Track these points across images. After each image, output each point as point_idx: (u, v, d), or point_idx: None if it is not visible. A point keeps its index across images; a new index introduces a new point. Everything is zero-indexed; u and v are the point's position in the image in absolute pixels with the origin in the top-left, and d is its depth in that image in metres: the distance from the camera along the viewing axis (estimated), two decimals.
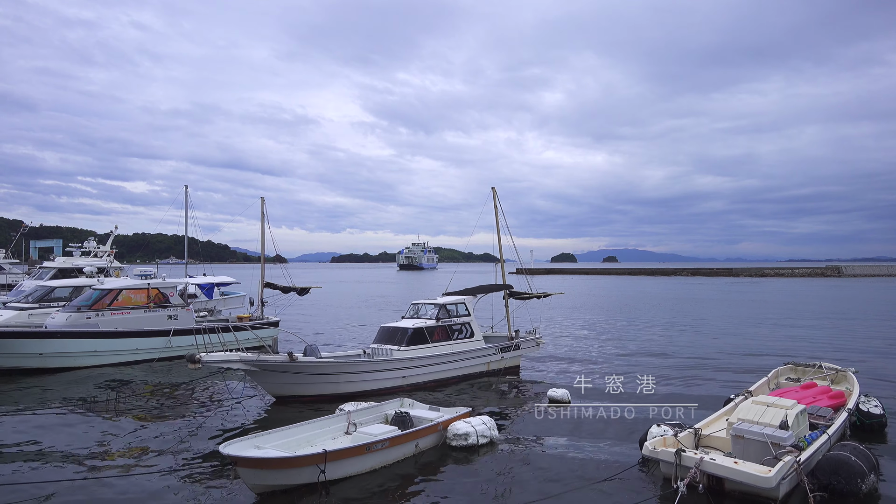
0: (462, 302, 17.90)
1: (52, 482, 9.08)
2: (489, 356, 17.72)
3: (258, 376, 13.74)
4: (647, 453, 8.95)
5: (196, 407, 14.06)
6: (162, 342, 20.11)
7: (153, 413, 13.45)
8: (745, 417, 9.26)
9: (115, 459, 10.19)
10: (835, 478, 8.14)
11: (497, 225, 19.74)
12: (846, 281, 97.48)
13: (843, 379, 13.65)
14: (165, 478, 9.23)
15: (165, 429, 11.99)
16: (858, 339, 26.09)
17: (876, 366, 19.15)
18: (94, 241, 33.88)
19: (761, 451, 8.55)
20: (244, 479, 8.49)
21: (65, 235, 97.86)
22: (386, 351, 16.02)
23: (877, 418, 11.41)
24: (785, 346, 23.98)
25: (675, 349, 23.32)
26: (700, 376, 17.81)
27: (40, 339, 18.14)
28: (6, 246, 50.66)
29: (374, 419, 11.38)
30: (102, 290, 20.23)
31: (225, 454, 8.46)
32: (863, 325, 32.23)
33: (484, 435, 10.76)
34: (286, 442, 9.64)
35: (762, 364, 18.80)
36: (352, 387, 14.49)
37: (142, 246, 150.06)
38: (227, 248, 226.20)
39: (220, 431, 11.91)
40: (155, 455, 10.33)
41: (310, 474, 8.57)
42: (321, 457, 8.61)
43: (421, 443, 10.34)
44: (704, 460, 8.18)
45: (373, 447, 9.38)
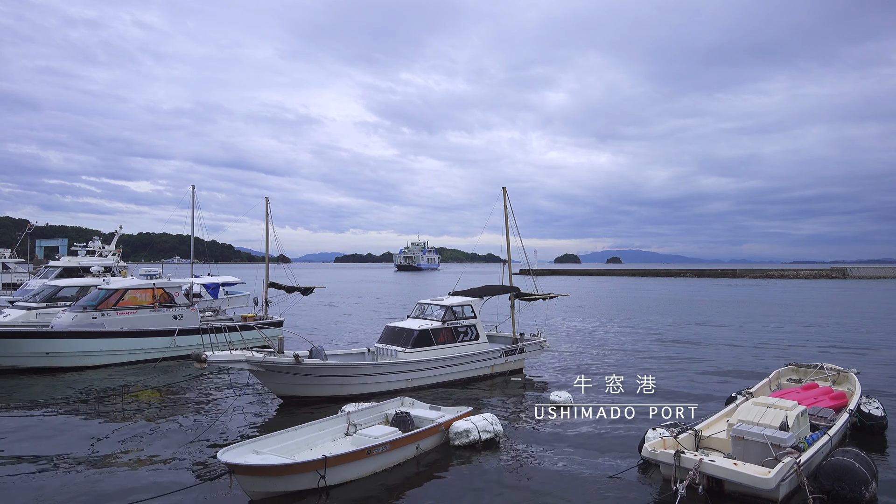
0: (469, 304, 17.81)
1: (53, 483, 9.15)
2: (493, 359, 17.71)
3: (263, 376, 13.83)
4: (647, 455, 8.98)
5: (200, 407, 14.15)
6: (167, 342, 20.25)
7: (157, 414, 13.54)
8: (746, 418, 9.29)
9: (116, 461, 10.24)
10: (838, 484, 8.12)
11: (506, 225, 19.57)
12: (851, 283, 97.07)
13: (844, 380, 13.68)
14: (166, 482, 9.26)
15: (168, 431, 12.06)
16: (861, 341, 26.03)
17: (878, 367, 19.16)
18: (100, 240, 34.10)
19: (761, 452, 8.59)
20: (242, 486, 8.36)
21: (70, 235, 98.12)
22: (391, 352, 16.07)
23: (878, 420, 11.40)
24: (787, 347, 23.98)
25: (677, 349, 23.35)
26: (701, 376, 17.85)
27: (46, 338, 18.29)
28: (12, 245, 50.96)
29: (374, 420, 11.37)
30: (108, 290, 20.37)
31: (222, 462, 8.30)
32: (866, 326, 32.16)
33: (486, 430, 10.76)
34: (285, 446, 9.57)
35: (764, 365, 18.84)
36: (356, 389, 14.55)
37: (147, 245, 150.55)
38: (231, 247, 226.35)
39: (224, 432, 12.01)
40: (156, 457, 10.37)
41: (309, 480, 8.50)
42: (321, 463, 8.51)
43: (422, 444, 10.33)
44: (703, 462, 8.21)
45: (373, 451, 9.31)
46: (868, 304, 50.67)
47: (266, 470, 8.31)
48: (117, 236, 35.00)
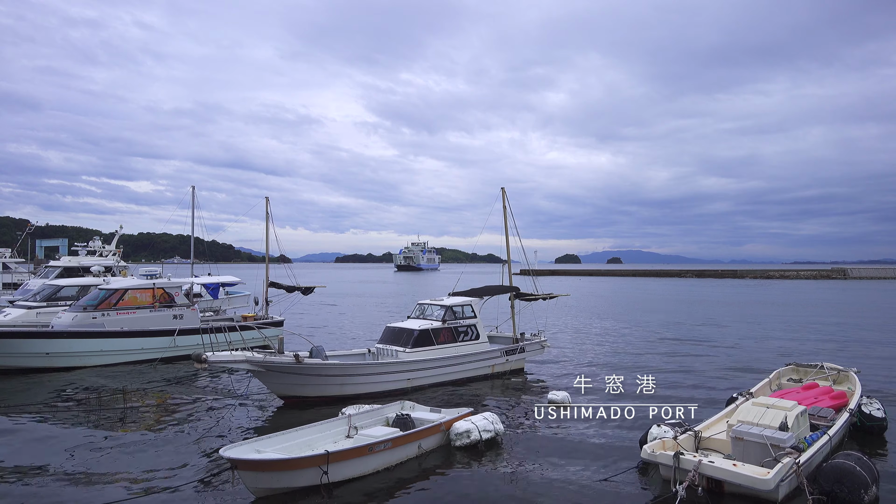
0: (469, 304, 17.82)
1: (53, 484, 9.17)
2: (494, 359, 17.73)
3: (264, 377, 13.83)
4: (646, 456, 8.96)
5: (201, 407, 14.16)
6: (167, 342, 20.26)
7: (157, 414, 13.57)
8: (745, 419, 9.29)
9: (116, 461, 10.25)
10: (838, 486, 8.11)
11: (506, 225, 19.62)
12: (852, 283, 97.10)
13: (845, 379, 13.68)
14: (167, 481, 9.29)
15: (169, 431, 12.07)
16: (862, 341, 26.04)
17: (879, 366, 19.16)
18: (100, 240, 34.11)
19: (761, 452, 8.59)
20: (245, 481, 8.40)
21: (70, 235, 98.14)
22: (391, 352, 16.08)
23: (878, 421, 11.38)
24: (787, 346, 23.99)
25: (677, 349, 23.35)
26: (701, 376, 17.86)
27: (46, 338, 18.31)
28: (12, 245, 50.98)
29: (375, 422, 11.41)
30: (108, 289, 20.39)
31: (225, 457, 8.38)
32: (866, 326, 32.17)
33: (486, 430, 10.78)
34: (287, 446, 9.63)
35: (764, 365, 18.85)
36: (356, 389, 14.56)
37: (147, 245, 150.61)
38: (231, 247, 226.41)
39: (224, 432, 12.03)
40: (157, 457, 10.39)
41: (312, 476, 8.52)
42: (323, 458, 8.54)
43: (424, 443, 10.36)
44: (703, 463, 8.21)
45: (375, 448, 9.35)
46: (868, 304, 50.68)
47: (269, 465, 8.35)
48: (118, 236, 35.00)
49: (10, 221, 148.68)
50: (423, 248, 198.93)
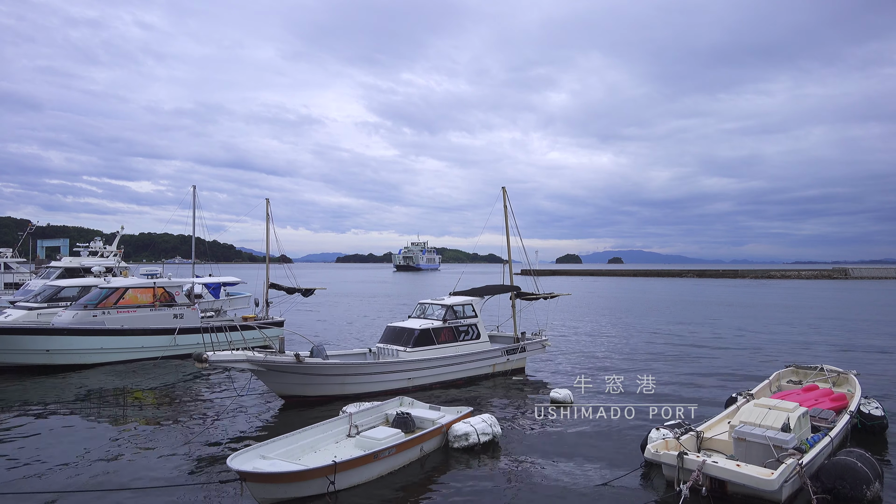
0: (469, 303, 17.84)
1: (53, 484, 9.14)
2: (495, 358, 17.73)
3: (264, 376, 13.83)
4: (650, 456, 8.96)
5: (201, 407, 14.16)
6: (167, 340, 20.28)
7: (157, 414, 13.56)
8: (747, 420, 9.28)
9: (116, 461, 10.24)
10: (840, 482, 8.14)
11: (506, 225, 19.63)
12: (853, 283, 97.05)
13: (844, 381, 13.67)
14: (167, 480, 9.27)
15: (169, 430, 12.07)
16: (861, 342, 26.01)
17: (878, 368, 19.13)
18: (101, 240, 34.10)
19: (763, 453, 8.58)
20: (252, 493, 8.43)
21: (71, 235, 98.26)
22: (392, 351, 16.07)
23: (878, 420, 11.40)
24: (787, 348, 23.96)
25: (677, 350, 23.33)
26: (701, 377, 17.82)
27: (47, 335, 18.33)
28: (13, 245, 50.99)
29: (375, 420, 11.42)
30: (108, 288, 20.42)
31: (233, 469, 8.37)
32: (866, 327, 32.13)
33: (485, 433, 10.77)
34: (291, 449, 9.66)
35: (764, 366, 18.82)
36: (357, 388, 14.56)
37: (148, 246, 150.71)
38: (232, 247, 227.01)
39: (225, 432, 12.01)
40: (157, 457, 10.37)
41: (319, 486, 8.56)
42: (331, 468, 8.58)
43: (425, 446, 10.39)
44: (707, 463, 8.20)
45: (381, 455, 9.40)
46: (869, 304, 50.63)
47: (278, 477, 8.36)
48: (119, 236, 34.99)
49: (12, 221, 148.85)
50: (422, 248, 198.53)
